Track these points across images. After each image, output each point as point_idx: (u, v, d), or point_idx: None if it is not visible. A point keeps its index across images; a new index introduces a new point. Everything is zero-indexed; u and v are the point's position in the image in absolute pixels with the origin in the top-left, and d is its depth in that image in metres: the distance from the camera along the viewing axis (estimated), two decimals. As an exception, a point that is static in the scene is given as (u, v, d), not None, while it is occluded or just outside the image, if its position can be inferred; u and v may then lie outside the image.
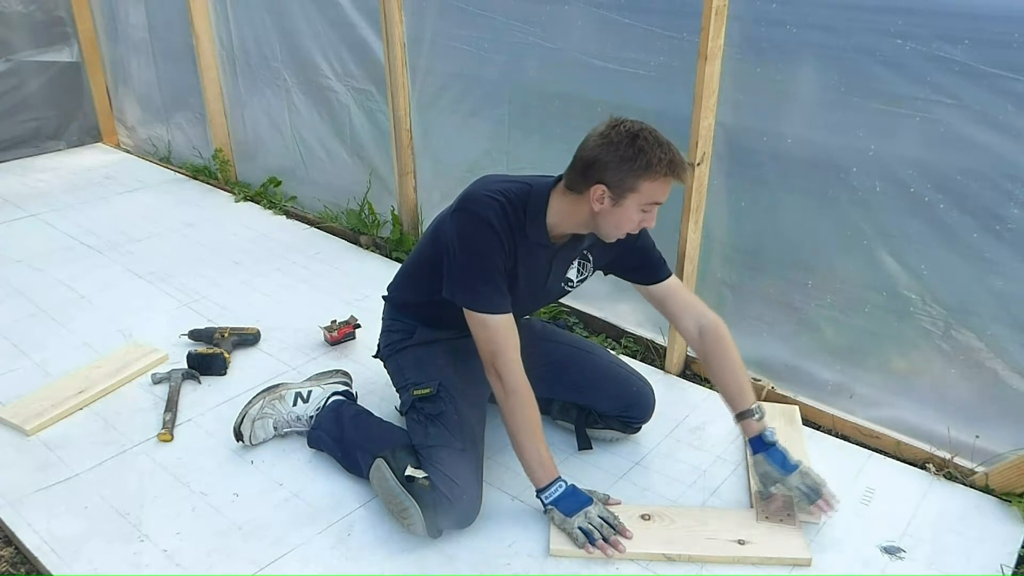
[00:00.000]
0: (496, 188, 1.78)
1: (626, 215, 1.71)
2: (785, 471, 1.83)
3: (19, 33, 4.32)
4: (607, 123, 1.71)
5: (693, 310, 1.97)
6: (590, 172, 1.70)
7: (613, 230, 1.76)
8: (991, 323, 1.95)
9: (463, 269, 1.77)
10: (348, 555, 1.80)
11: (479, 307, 1.76)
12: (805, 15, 2.01)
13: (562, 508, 1.80)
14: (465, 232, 1.76)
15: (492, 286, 1.76)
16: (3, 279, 3.09)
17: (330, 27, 3.29)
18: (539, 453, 1.80)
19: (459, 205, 1.79)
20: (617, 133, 1.67)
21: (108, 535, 1.85)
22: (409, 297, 2.06)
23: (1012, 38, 1.72)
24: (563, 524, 1.79)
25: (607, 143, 1.67)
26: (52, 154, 4.62)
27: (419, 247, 2.03)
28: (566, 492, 1.81)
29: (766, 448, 1.85)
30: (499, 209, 1.74)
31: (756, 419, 1.87)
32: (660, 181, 1.67)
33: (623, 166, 1.66)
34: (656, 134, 1.68)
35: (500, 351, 1.76)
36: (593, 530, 1.78)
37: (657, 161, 1.64)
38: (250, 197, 3.94)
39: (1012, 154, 1.80)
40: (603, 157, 1.67)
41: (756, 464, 1.89)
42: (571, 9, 2.46)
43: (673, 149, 1.68)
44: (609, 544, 1.77)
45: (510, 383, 1.77)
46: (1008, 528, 1.89)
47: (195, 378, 2.43)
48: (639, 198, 1.69)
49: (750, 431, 1.88)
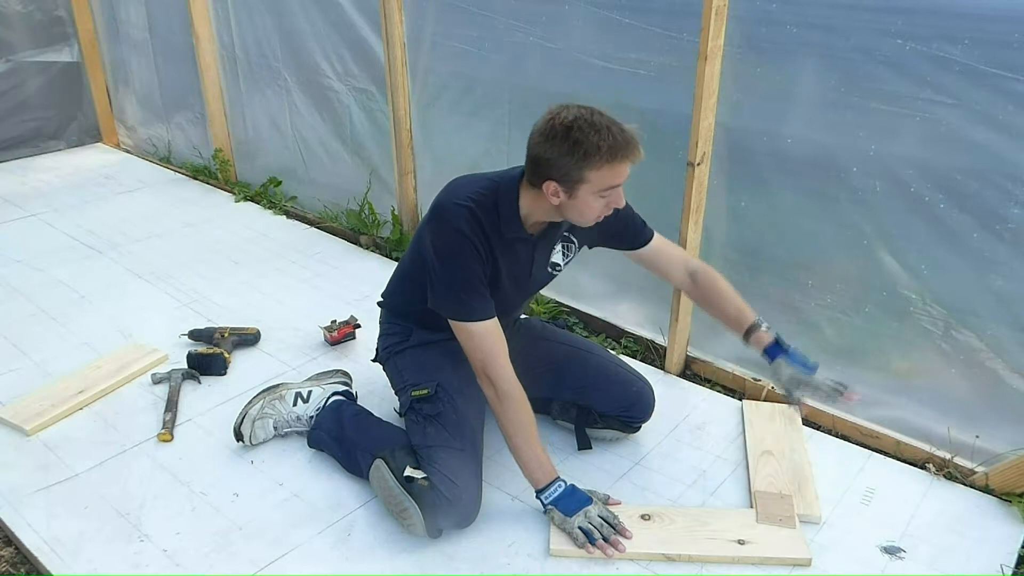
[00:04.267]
0: (464, 194, 1.77)
1: (586, 204, 1.69)
2: (809, 370, 1.86)
3: (19, 33, 4.33)
4: (545, 116, 1.67)
5: (681, 261, 2.06)
6: (539, 170, 1.69)
7: (580, 218, 1.75)
8: (991, 323, 1.95)
9: (443, 282, 1.77)
10: (348, 555, 1.80)
11: (463, 317, 1.77)
12: (805, 15, 2.01)
13: (562, 508, 1.80)
14: (439, 244, 1.76)
15: (474, 294, 1.76)
16: (3, 279, 3.09)
17: (331, 27, 3.29)
18: (536, 455, 1.80)
19: (431, 216, 1.80)
20: (553, 128, 1.64)
21: (108, 535, 1.85)
22: (402, 302, 2.07)
23: (1012, 38, 1.72)
24: (563, 524, 1.80)
25: (545, 139, 1.65)
26: (52, 154, 4.62)
27: (406, 256, 2.04)
28: (565, 492, 1.81)
29: (785, 351, 1.89)
30: (468, 216, 1.74)
31: (765, 329, 1.92)
32: (606, 168, 1.63)
33: (563, 160, 1.63)
34: (592, 119, 1.62)
35: (489, 357, 1.77)
36: (593, 530, 1.78)
37: (595, 150, 1.61)
38: (250, 197, 3.94)
39: (1012, 154, 1.80)
40: (544, 154, 1.66)
41: (778, 369, 1.90)
42: (571, 9, 2.46)
43: (613, 132, 1.62)
44: (609, 544, 1.77)
45: (502, 388, 1.77)
46: (1008, 528, 1.89)
47: (195, 378, 2.43)
48: (591, 187, 1.66)
49: (762, 342, 1.92)
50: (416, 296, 1.90)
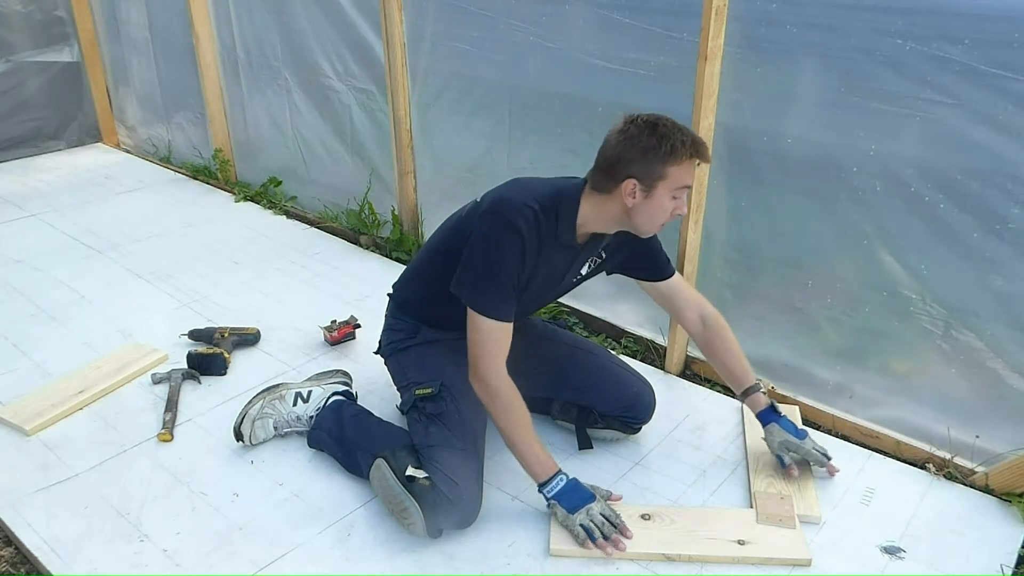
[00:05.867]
0: (530, 195, 1.78)
1: (659, 204, 1.75)
2: (800, 437, 1.99)
3: (19, 33, 4.32)
4: (623, 120, 1.76)
5: (695, 304, 2.08)
6: (617, 169, 1.74)
7: (648, 222, 1.80)
8: (991, 323, 1.95)
9: (477, 268, 1.77)
10: (348, 555, 1.80)
11: (481, 308, 1.77)
12: (805, 15, 2.01)
13: (564, 504, 1.80)
14: (492, 234, 1.76)
15: (501, 291, 1.77)
16: (3, 279, 3.09)
17: (331, 27, 3.29)
18: (533, 450, 1.80)
19: (493, 207, 1.78)
20: (636, 126, 1.72)
21: (108, 535, 1.85)
22: (413, 294, 2.07)
23: (1012, 38, 1.72)
24: (565, 521, 1.80)
25: (628, 138, 1.72)
26: (52, 154, 4.62)
27: (432, 241, 2.03)
28: (567, 487, 1.81)
29: (778, 418, 2.00)
30: (531, 216, 1.75)
31: (762, 392, 2.02)
32: (686, 163, 1.73)
33: (648, 155, 1.70)
34: (673, 120, 1.74)
35: (486, 355, 1.78)
36: (595, 528, 1.78)
37: (680, 144, 1.70)
38: (250, 197, 3.94)
39: (1012, 154, 1.80)
40: (627, 152, 1.72)
41: (771, 434, 2.00)
42: (571, 9, 2.46)
43: (691, 132, 1.75)
44: (610, 542, 1.77)
45: (492, 386, 1.78)
46: (1008, 528, 1.89)
47: (195, 378, 2.43)
48: (669, 184, 1.73)
49: (758, 404, 2.01)
50: (431, 284, 1.91)
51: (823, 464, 1.99)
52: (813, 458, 1.98)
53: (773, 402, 2.01)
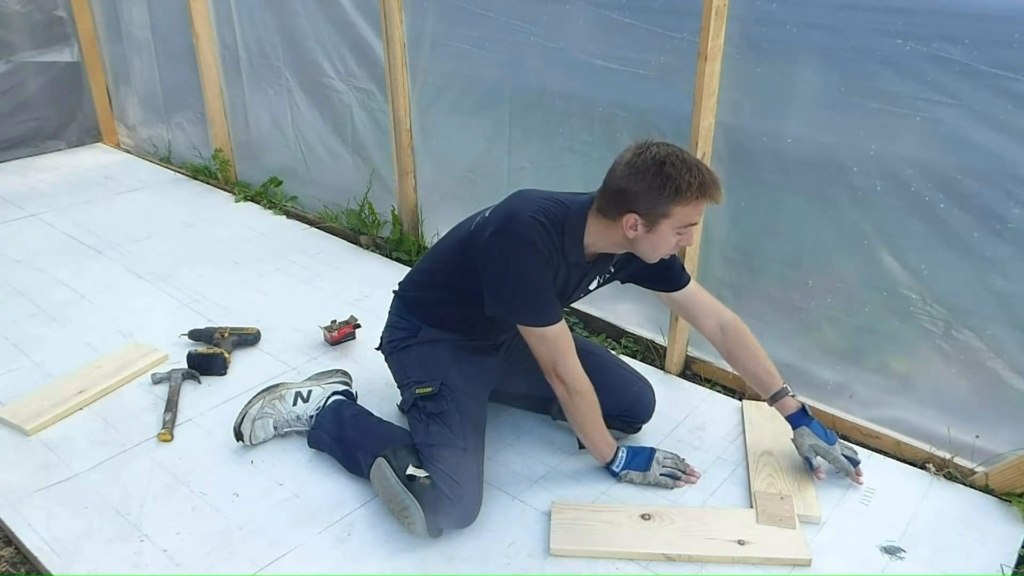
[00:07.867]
0: (536, 208, 1.78)
1: (662, 239, 1.74)
2: (830, 441, 1.97)
3: (19, 33, 4.32)
4: (633, 149, 1.72)
5: (714, 312, 2.06)
6: (620, 201, 1.72)
7: (651, 253, 1.80)
8: (991, 323, 1.95)
9: (515, 292, 1.79)
10: (348, 555, 1.80)
11: (537, 324, 1.80)
12: (805, 15, 2.01)
13: (636, 467, 1.97)
14: (513, 256, 1.76)
15: (546, 300, 1.80)
16: (3, 279, 3.09)
17: (331, 27, 3.29)
18: (604, 435, 1.96)
19: (503, 226, 1.78)
20: (643, 161, 1.68)
21: (108, 535, 1.85)
22: (423, 298, 2.06)
23: (1012, 38, 1.72)
24: (645, 480, 1.96)
25: (634, 172, 1.68)
26: (52, 154, 4.61)
27: (443, 254, 2.02)
28: (630, 455, 1.99)
29: (809, 421, 1.98)
30: (543, 232, 1.75)
31: (791, 396, 1.99)
32: (692, 204, 1.69)
33: (652, 194, 1.67)
34: (683, 156, 1.68)
35: (560, 358, 1.82)
36: (673, 470, 1.99)
37: (687, 186, 1.66)
38: (250, 197, 3.94)
39: (1012, 154, 1.80)
40: (632, 187, 1.69)
41: (802, 436, 1.99)
42: (571, 8, 2.46)
43: (703, 170, 1.69)
44: (686, 475, 1.99)
45: (573, 385, 1.84)
46: (1008, 528, 1.89)
47: (195, 378, 2.43)
48: (673, 222, 1.71)
49: (788, 408, 2.00)
50: (445, 294, 1.93)
51: (848, 473, 1.97)
52: (840, 465, 1.97)
53: (804, 405, 1.99)
